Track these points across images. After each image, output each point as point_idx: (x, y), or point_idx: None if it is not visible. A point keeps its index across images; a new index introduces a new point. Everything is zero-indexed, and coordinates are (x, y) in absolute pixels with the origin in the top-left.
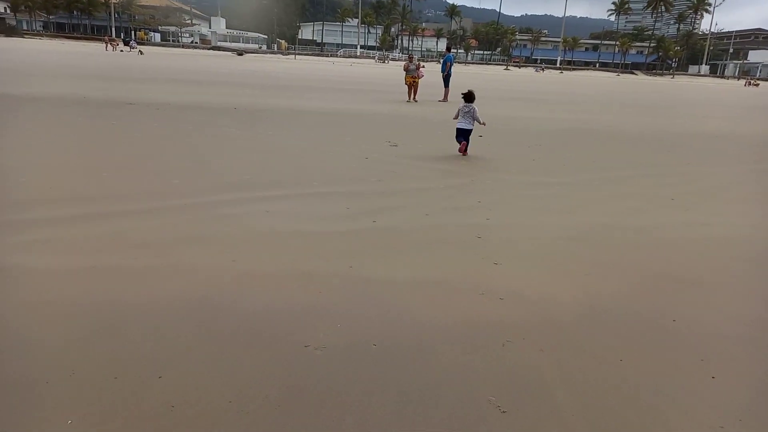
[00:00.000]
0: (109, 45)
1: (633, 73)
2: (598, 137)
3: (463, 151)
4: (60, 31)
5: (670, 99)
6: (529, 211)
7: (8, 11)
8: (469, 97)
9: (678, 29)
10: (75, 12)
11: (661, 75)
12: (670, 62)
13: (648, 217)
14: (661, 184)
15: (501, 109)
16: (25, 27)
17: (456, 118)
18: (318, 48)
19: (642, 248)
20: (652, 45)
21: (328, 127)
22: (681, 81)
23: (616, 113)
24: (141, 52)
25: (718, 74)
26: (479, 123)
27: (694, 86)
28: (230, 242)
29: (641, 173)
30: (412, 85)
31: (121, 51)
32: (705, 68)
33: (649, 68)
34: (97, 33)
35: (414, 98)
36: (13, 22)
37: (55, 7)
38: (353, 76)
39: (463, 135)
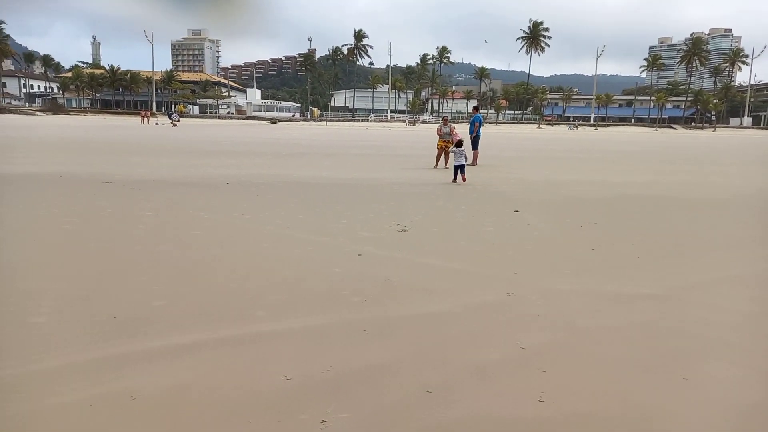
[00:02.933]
0: (144, 118)
1: (671, 127)
2: (666, 206)
3: (463, 178)
4: (105, 107)
5: (732, 152)
6: (613, 377)
7: (58, 91)
8: (458, 144)
9: (714, 82)
10: (119, 89)
11: (702, 128)
12: (709, 115)
13: None
14: None
15: (539, 171)
16: (74, 105)
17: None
18: (350, 114)
19: None
20: (689, 99)
21: (328, 204)
22: (725, 133)
23: (675, 172)
24: (174, 124)
25: (762, 125)
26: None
27: (745, 138)
28: None
29: None
30: (444, 150)
31: (156, 124)
32: (747, 120)
33: (687, 122)
34: (140, 107)
35: (446, 165)
36: (61, 101)
37: (100, 86)
38: (380, 140)
39: (460, 170)
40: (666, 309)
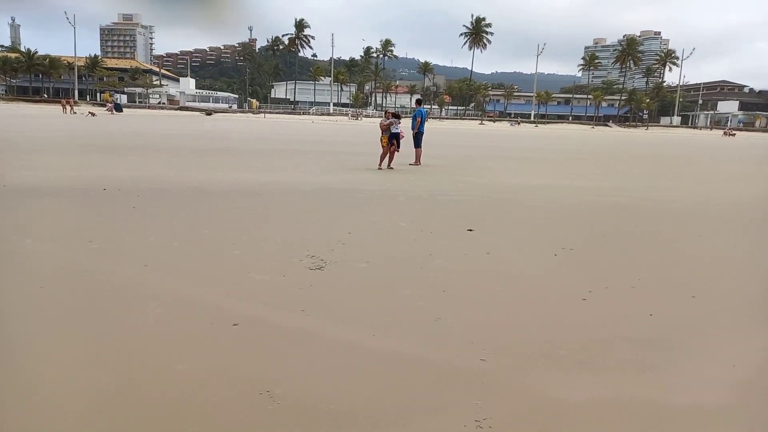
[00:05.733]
0: (66, 107)
1: (607, 125)
2: (652, 217)
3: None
4: (22, 94)
5: (675, 152)
6: None
7: None
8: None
9: (646, 82)
10: (38, 75)
11: (635, 126)
12: (641, 114)
13: None
14: None
15: (491, 173)
16: None
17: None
18: (291, 106)
19: None
20: (623, 98)
21: (225, 222)
22: (656, 132)
23: (635, 176)
24: (92, 114)
25: (689, 125)
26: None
27: (677, 137)
28: None
29: None
30: (390, 149)
31: (73, 113)
32: (676, 119)
33: (622, 120)
34: (61, 95)
35: (389, 165)
36: None
37: (15, 71)
38: (319, 134)
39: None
40: None
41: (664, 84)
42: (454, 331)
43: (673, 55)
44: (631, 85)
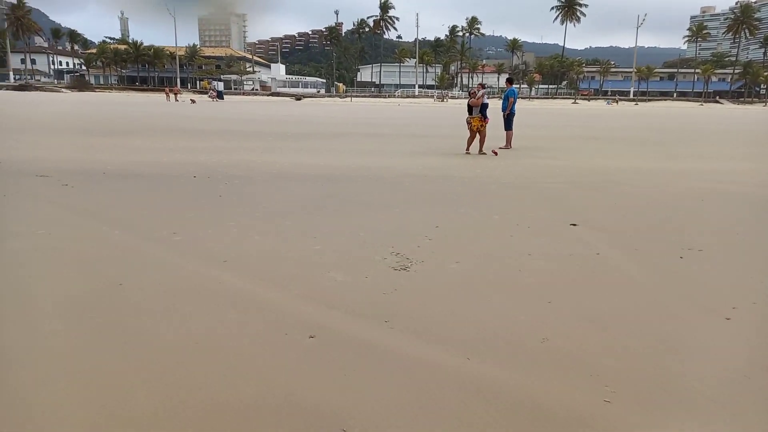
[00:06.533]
0: (170, 95)
1: (718, 101)
2: None
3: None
4: (131, 83)
5: None
6: None
7: (83, 67)
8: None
9: (764, 53)
10: (144, 65)
11: (751, 103)
12: (758, 89)
13: None
14: None
15: (589, 156)
16: (102, 81)
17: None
18: (376, 89)
19: None
20: (737, 71)
21: (307, 211)
22: None
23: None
24: (193, 101)
25: None
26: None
27: None
28: None
29: None
30: (479, 132)
31: (176, 101)
32: None
33: (735, 96)
34: (165, 84)
35: (480, 150)
36: (88, 78)
37: (124, 62)
38: (404, 117)
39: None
40: None
41: None
42: (565, 356)
43: None
44: (745, 57)
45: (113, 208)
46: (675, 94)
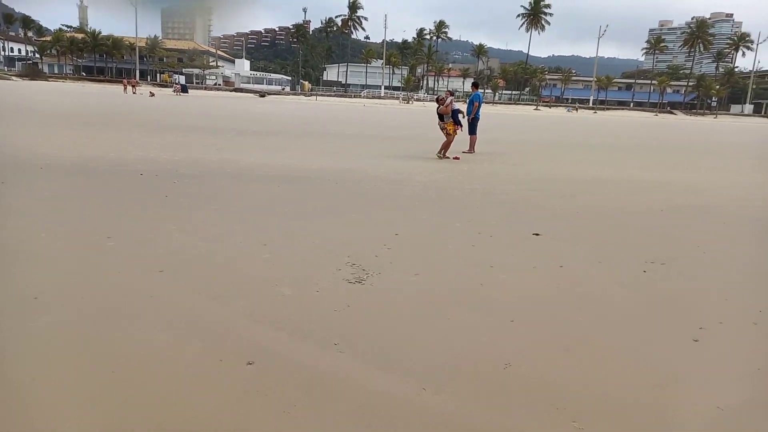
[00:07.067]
0: (128, 87)
1: (671, 112)
2: (746, 223)
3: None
4: (88, 74)
5: (754, 141)
6: None
7: (36, 55)
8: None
9: (716, 68)
10: (102, 55)
11: (703, 114)
12: (710, 101)
13: None
14: None
15: (552, 163)
16: (56, 71)
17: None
18: (342, 89)
19: None
20: (691, 84)
21: (258, 214)
22: (726, 121)
23: (706, 169)
24: (152, 94)
25: (763, 113)
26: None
27: (755, 126)
28: None
29: None
30: (447, 136)
31: (133, 93)
32: (749, 107)
33: (688, 107)
34: (124, 76)
35: (443, 154)
36: (42, 66)
37: (81, 51)
38: (368, 118)
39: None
40: None
41: (736, 69)
42: (529, 384)
43: (747, 38)
44: (698, 70)
45: (43, 208)
46: (632, 104)
